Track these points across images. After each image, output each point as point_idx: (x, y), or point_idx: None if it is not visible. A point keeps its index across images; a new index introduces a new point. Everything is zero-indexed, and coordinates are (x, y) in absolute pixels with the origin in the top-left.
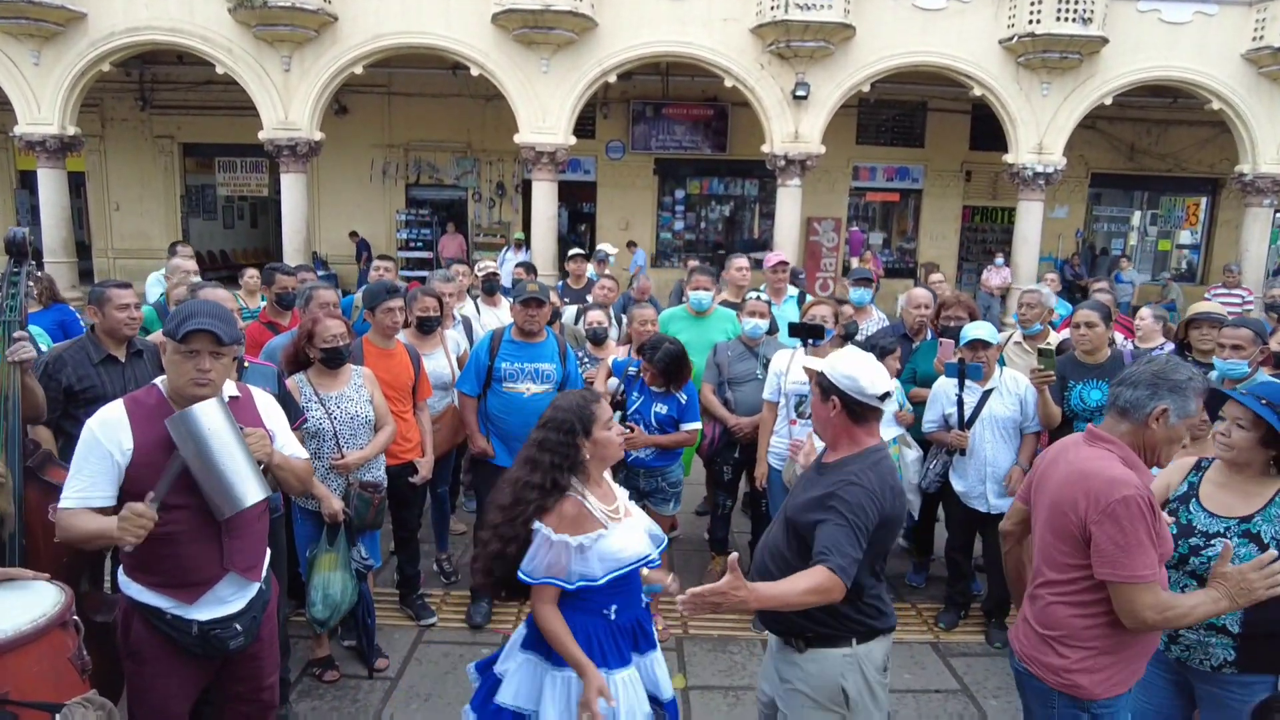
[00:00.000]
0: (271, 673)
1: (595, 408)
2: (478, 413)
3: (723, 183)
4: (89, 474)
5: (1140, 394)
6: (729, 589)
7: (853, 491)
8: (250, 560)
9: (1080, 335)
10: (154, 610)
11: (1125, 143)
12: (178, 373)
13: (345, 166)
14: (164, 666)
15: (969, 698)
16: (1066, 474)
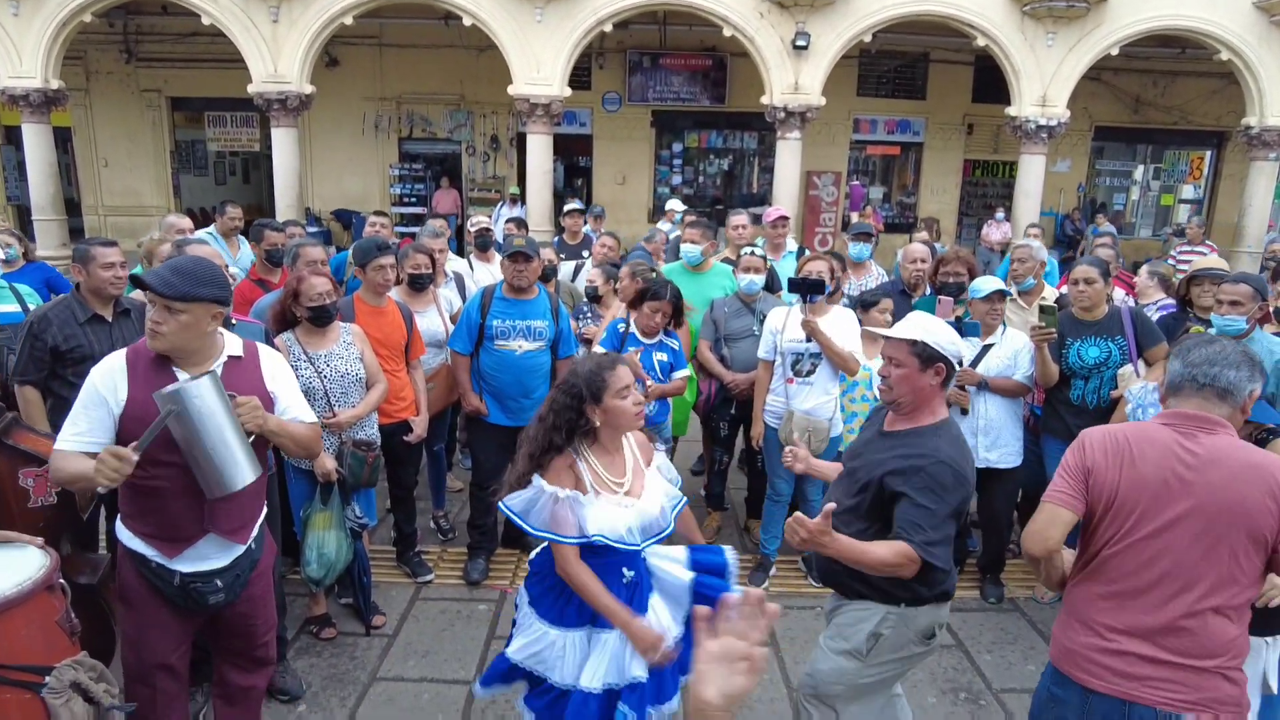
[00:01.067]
0: (266, 631)
1: (609, 375)
2: (471, 371)
3: (721, 136)
4: (85, 419)
5: (1243, 375)
6: (818, 530)
7: (943, 471)
8: (236, 523)
9: (1079, 292)
10: (141, 557)
11: (1130, 95)
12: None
13: (337, 120)
14: (151, 613)
15: (964, 652)
16: (1232, 472)
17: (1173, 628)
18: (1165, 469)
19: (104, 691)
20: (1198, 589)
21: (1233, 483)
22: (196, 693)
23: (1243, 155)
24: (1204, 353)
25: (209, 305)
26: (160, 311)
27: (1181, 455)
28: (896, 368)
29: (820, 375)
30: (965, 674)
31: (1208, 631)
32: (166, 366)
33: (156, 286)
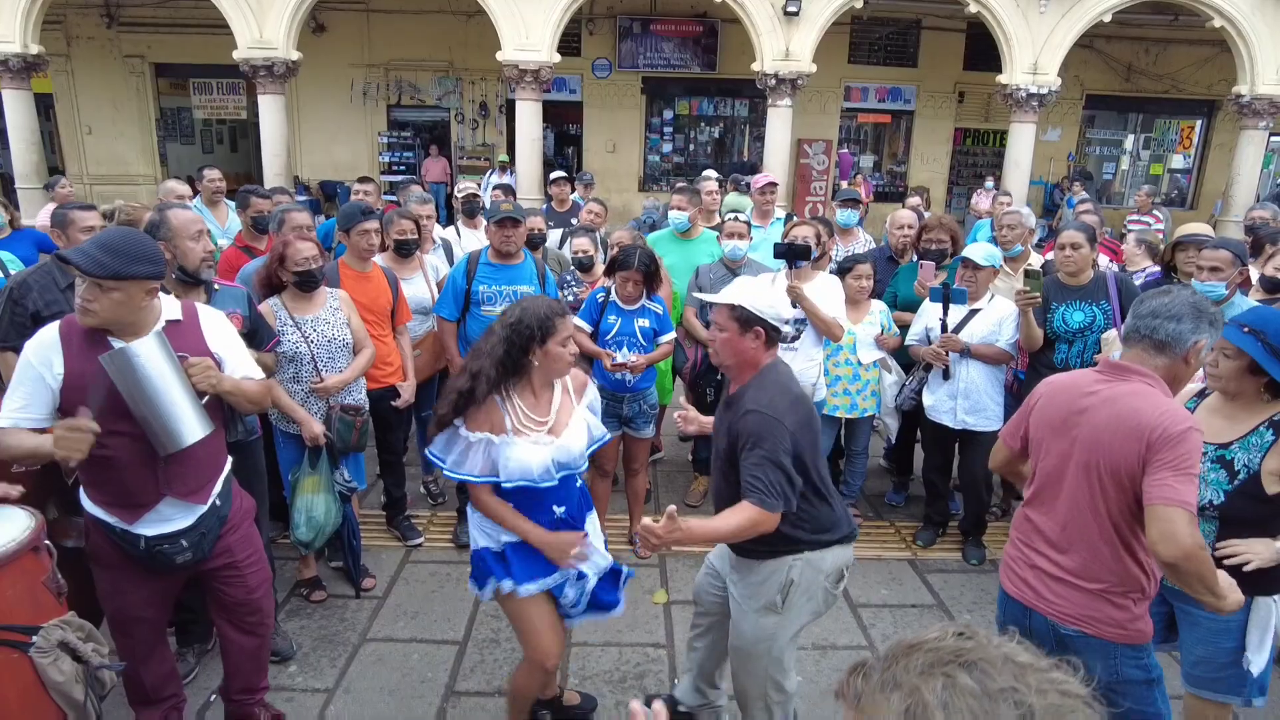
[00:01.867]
0: (259, 584)
1: (559, 321)
2: (458, 337)
3: (712, 103)
4: (23, 394)
5: (1184, 327)
6: (665, 531)
7: (751, 420)
8: (193, 485)
9: (1065, 257)
10: (105, 524)
11: (1122, 63)
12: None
13: (324, 87)
14: (125, 575)
15: (945, 612)
16: (1114, 414)
17: (1065, 549)
18: (1066, 408)
19: (92, 650)
20: (1085, 518)
21: (1109, 423)
22: (188, 654)
23: (1233, 124)
24: (1151, 305)
25: (143, 282)
26: (91, 289)
27: (1082, 398)
28: (720, 331)
29: (805, 341)
30: None
31: (1096, 558)
32: (102, 337)
33: (85, 267)
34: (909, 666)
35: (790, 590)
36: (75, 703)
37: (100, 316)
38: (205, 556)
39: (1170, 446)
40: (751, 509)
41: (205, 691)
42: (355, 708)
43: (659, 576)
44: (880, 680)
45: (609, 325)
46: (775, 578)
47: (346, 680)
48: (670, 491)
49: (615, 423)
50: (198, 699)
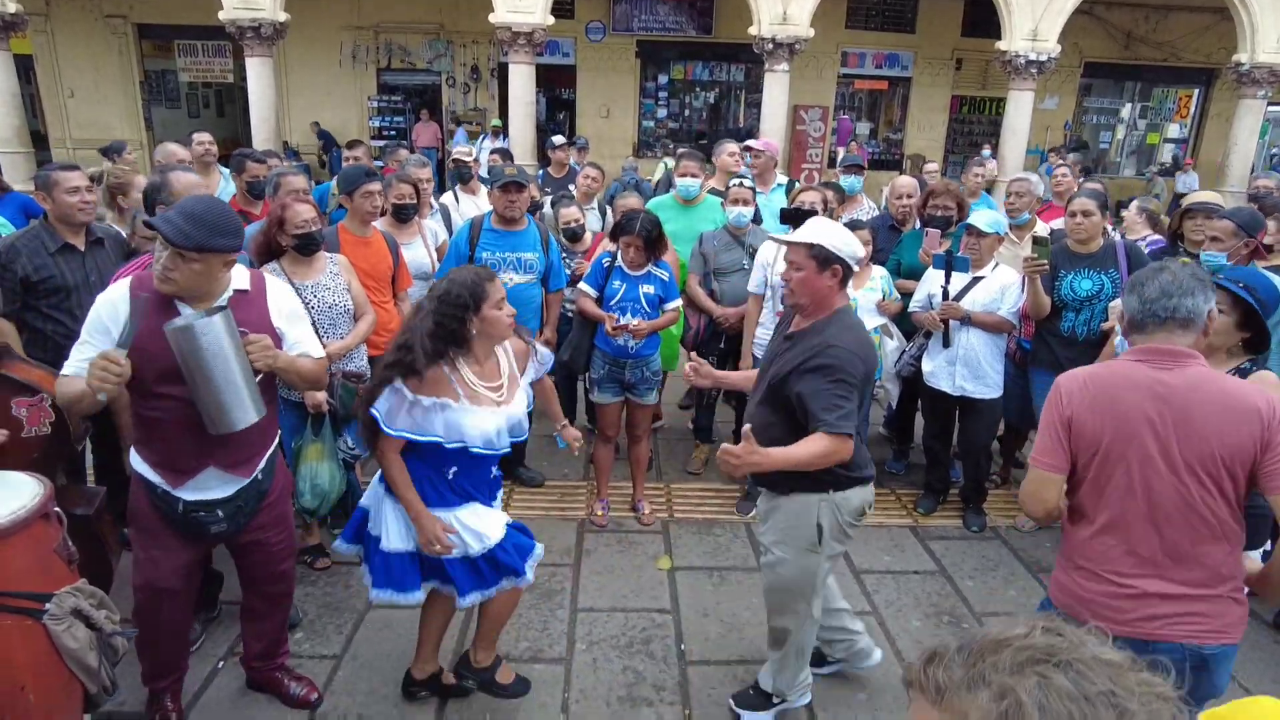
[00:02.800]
0: (285, 559)
1: (488, 285)
2: None
3: (708, 68)
4: (91, 347)
5: (1198, 300)
6: (745, 452)
7: (836, 354)
8: (239, 457)
9: (1076, 224)
10: (149, 483)
11: (1122, 30)
12: (155, 259)
13: (313, 50)
14: (158, 538)
15: (946, 578)
16: (1208, 403)
17: (1180, 562)
18: (1144, 405)
19: (105, 618)
20: (1191, 519)
21: (1206, 414)
22: (194, 621)
23: (1231, 93)
24: (1157, 285)
25: (224, 255)
26: (173, 258)
27: (1160, 391)
28: (797, 270)
29: None
30: (949, 599)
31: (1210, 559)
32: (170, 302)
33: (172, 237)
34: (999, 664)
35: (823, 532)
36: (89, 669)
37: (179, 285)
38: (239, 530)
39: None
40: (828, 438)
41: (213, 659)
42: (364, 673)
43: (663, 543)
44: (967, 677)
45: (614, 290)
46: (806, 518)
47: (354, 646)
48: (672, 459)
49: (618, 388)
50: (205, 665)
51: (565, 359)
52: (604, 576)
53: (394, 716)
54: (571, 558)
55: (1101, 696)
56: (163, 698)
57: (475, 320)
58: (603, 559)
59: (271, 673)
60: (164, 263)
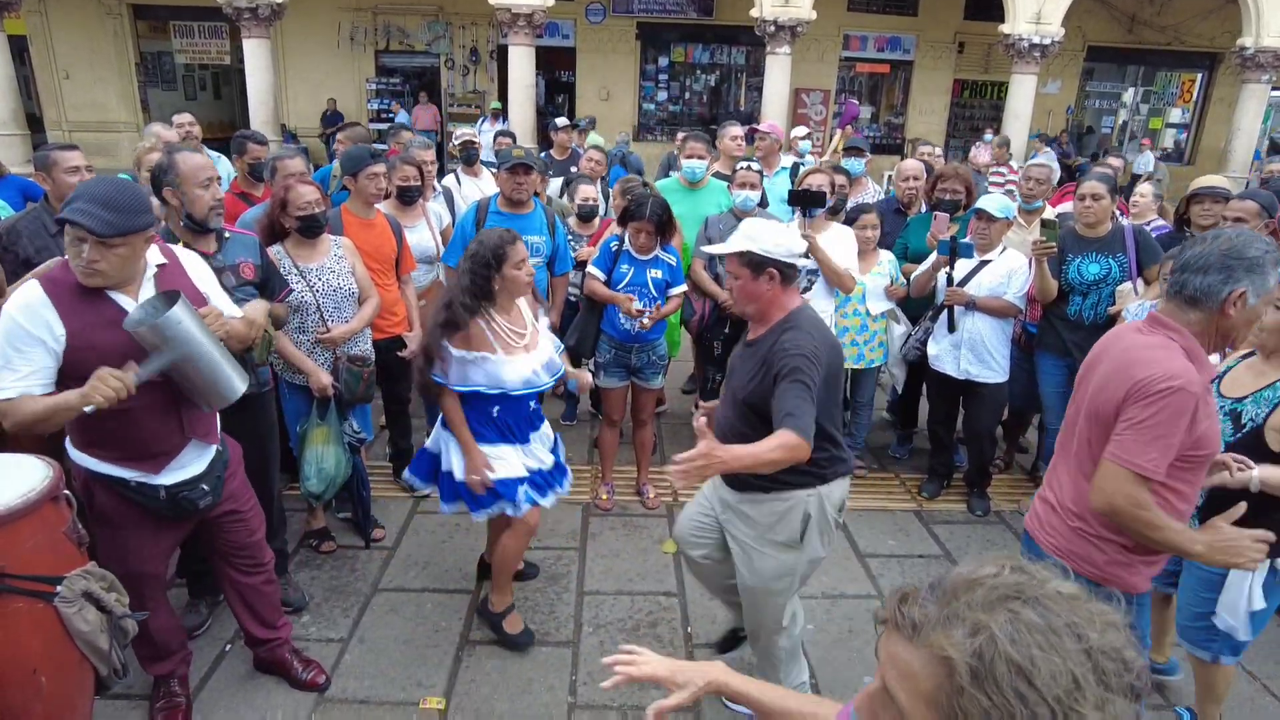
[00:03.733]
0: (259, 526)
1: (510, 248)
2: None
3: (709, 50)
4: (24, 362)
5: (1213, 279)
6: (707, 451)
7: (796, 358)
8: (207, 425)
9: (1085, 207)
10: (118, 480)
11: (1126, 13)
12: (71, 255)
13: (311, 31)
14: (136, 530)
15: (951, 562)
16: (1118, 358)
17: (1063, 484)
18: (1095, 353)
19: (115, 600)
20: (1081, 457)
21: (1112, 369)
22: (200, 604)
23: (1234, 78)
24: (1184, 258)
25: (145, 233)
26: (96, 249)
27: (1110, 345)
28: (734, 279)
29: (816, 292)
30: None
31: (1081, 496)
32: (102, 295)
33: (97, 229)
34: (972, 602)
35: (808, 526)
36: (100, 652)
37: (108, 276)
38: (220, 499)
39: (1143, 404)
40: (790, 435)
41: (220, 642)
42: (371, 657)
43: (668, 526)
44: (942, 614)
45: (621, 274)
46: (792, 514)
47: (360, 630)
48: (675, 444)
49: (624, 372)
50: (212, 649)
51: (571, 344)
52: (610, 560)
53: (400, 699)
54: (577, 541)
55: (1066, 628)
56: (170, 681)
57: (498, 278)
58: (608, 543)
59: (278, 652)
60: (87, 256)
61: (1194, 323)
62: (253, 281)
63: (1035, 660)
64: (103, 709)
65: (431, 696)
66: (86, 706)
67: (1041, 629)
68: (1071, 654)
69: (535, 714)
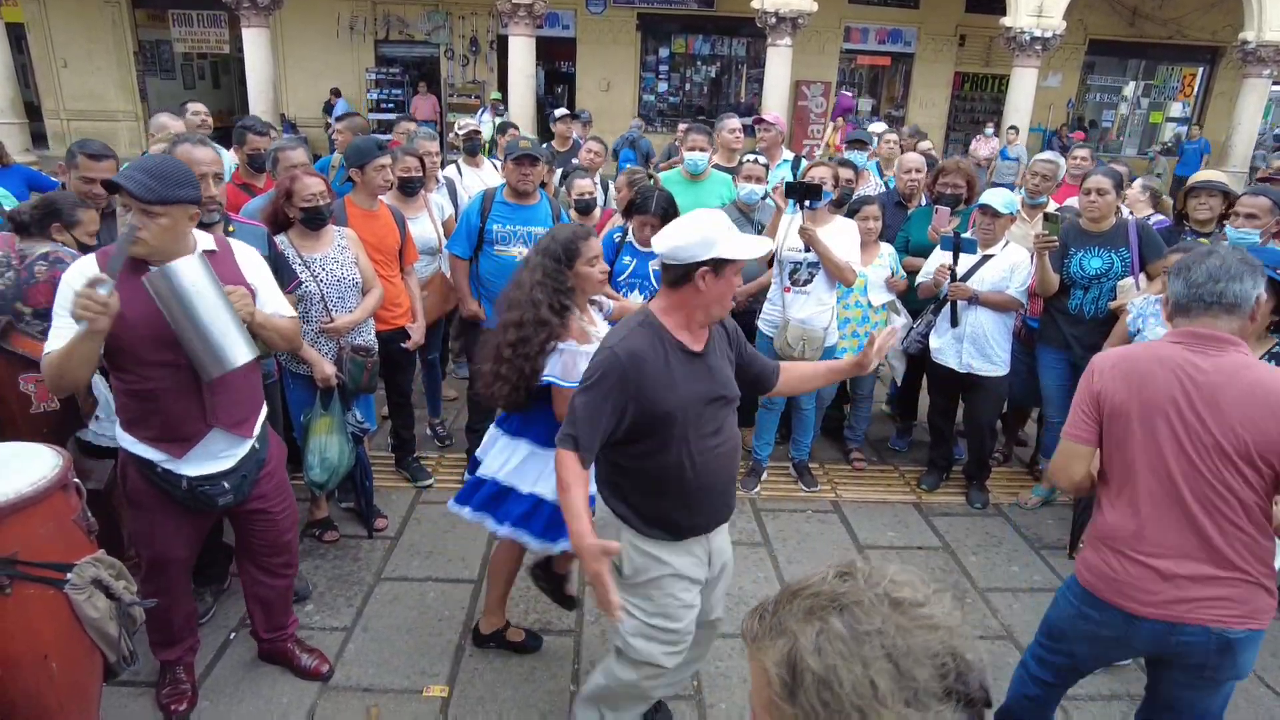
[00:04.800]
0: (289, 528)
1: (583, 244)
2: (469, 276)
3: (709, 42)
4: (67, 323)
5: (1246, 285)
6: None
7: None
8: (239, 415)
9: (1090, 202)
10: (147, 463)
11: (1127, 6)
12: (121, 225)
13: (311, 21)
14: (161, 515)
15: (950, 554)
16: (1246, 390)
17: (1208, 546)
18: (1172, 385)
19: (124, 588)
20: (1217, 503)
21: (1243, 401)
22: (205, 593)
23: (1236, 72)
24: (1205, 269)
25: (186, 207)
26: (139, 216)
27: (1191, 374)
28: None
29: (817, 284)
30: (952, 574)
31: (1249, 547)
32: (142, 267)
33: (136, 192)
34: (792, 611)
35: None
36: (110, 638)
37: (149, 244)
38: (245, 499)
39: None
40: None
41: (224, 630)
42: (374, 645)
43: None
44: (769, 625)
45: (623, 266)
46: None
47: (364, 619)
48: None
49: None
50: (216, 637)
51: None
52: None
53: (404, 687)
54: None
55: (869, 635)
56: (175, 669)
57: (570, 274)
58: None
59: (282, 644)
60: (130, 222)
61: (1238, 331)
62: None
63: (836, 670)
64: (110, 696)
65: (435, 685)
66: (96, 692)
67: (845, 638)
68: (873, 661)
69: (537, 702)
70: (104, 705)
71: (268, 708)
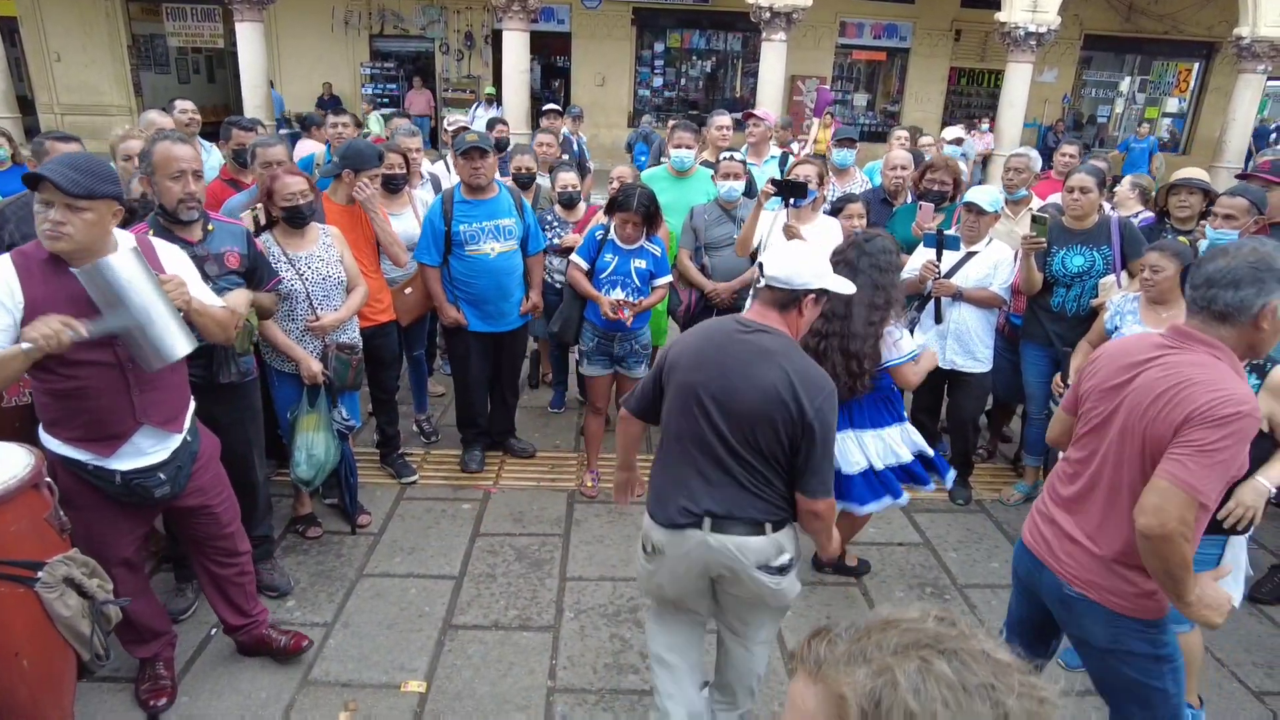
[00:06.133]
0: (231, 520)
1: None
2: (443, 281)
3: (704, 36)
4: None
5: (1246, 293)
6: None
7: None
8: (168, 413)
9: (1073, 200)
10: (76, 462)
11: (1123, 2)
12: (38, 221)
13: (305, 15)
14: (99, 513)
15: (931, 550)
16: (1166, 382)
17: (1083, 511)
18: (1120, 370)
19: (97, 586)
20: (1110, 484)
21: (1157, 391)
22: (186, 589)
23: (1231, 68)
24: (1205, 272)
25: (111, 202)
26: (62, 211)
27: (1139, 362)
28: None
29: None
30: (932, 570)
31: (1111, 525)
32: (62, 266)
33: (63, 185)
34: (883, 643)
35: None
36: (82, 637)
37: (73, 240)
38: (181, 490)
39: (1209, 428)
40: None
41: (205, 625)
42: (355, 641)
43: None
44: (848, 651)
45: (605, 264)
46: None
47: (345, 614)
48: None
49: (607, 360)
50: (198, 632)
51: (555, 331)
52: (593, 546)
53: (382, 682)
54: (561, 528)
55: (980, 689)
56: (155, 664)
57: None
58: (592, 529)
59: (256, 630)
60: (53, 218)
61: (1226, 337)
62: (237, 271)
63: (937, 716)
64: (90, 691)
65: (412, 679)
66: (70, 689)
67: (952, 684)
68: (981, 717)
69: (515, 697)
70: (85, 700)
71: (246, 702)
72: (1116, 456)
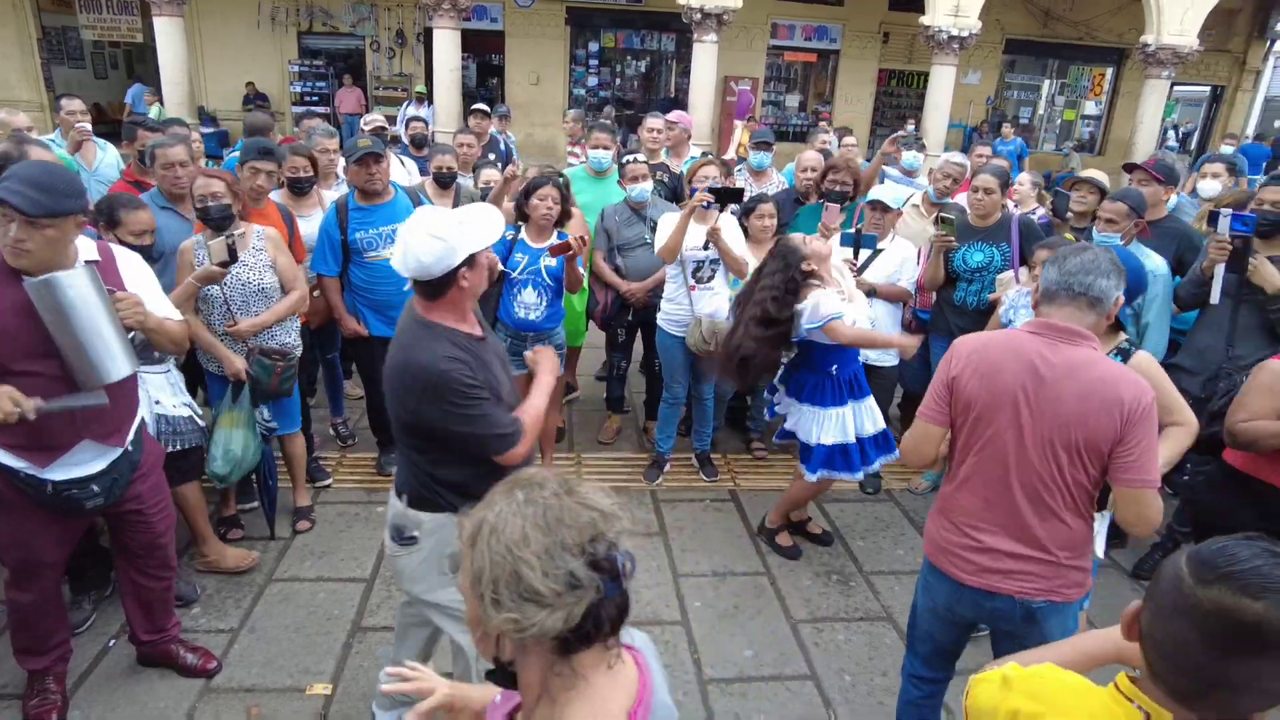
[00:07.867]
0: (165, 530)
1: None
2: (343, 290)
3: (638, 36)
4: None
5: (1110, 283)
6: None
7: None
8: (110, 427)
9: (978, 200)
10: (8, 469)
11: (1040, 7)
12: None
13: (229, 10)
14: (27, 517)
15: (839, 538)
16: (1084, 388)
17: (1026, 527)
18: (1021, 378)
19: None
20: (1047, 493)
21: (1079, 397)
22: (84, 600)
23: (1140, 73)
24: (1078, 261)
25: (75, 217)
26: (24, 229)
27: (1039, 366)
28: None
29: (717, 279)
30: (839, 558)
31: (1059, 531)
32: (15, 273)
33: (24, 208)
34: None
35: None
36: None
37: (35, 257)
38: (115, 501)
39: (1145, 422)
40: None
41: (103, 637)
42: (260, 645)
43: None
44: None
45: (515, 263)
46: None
47: (251, 620)
48: (585, 430)
49: (520, 362)
50: (94, 645)
51: None
52: None
53: (287, 686)
54: None
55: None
56: (45, 679)
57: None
58: None
59: (165, 645)
60: (14, 235)
61: (1092, 326)
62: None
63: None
64: None
65: (318, 682)
66: None
67: (520, 501)
68: (529, 516)
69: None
70: None
71: (143, 713)
72: (1049, 468)
